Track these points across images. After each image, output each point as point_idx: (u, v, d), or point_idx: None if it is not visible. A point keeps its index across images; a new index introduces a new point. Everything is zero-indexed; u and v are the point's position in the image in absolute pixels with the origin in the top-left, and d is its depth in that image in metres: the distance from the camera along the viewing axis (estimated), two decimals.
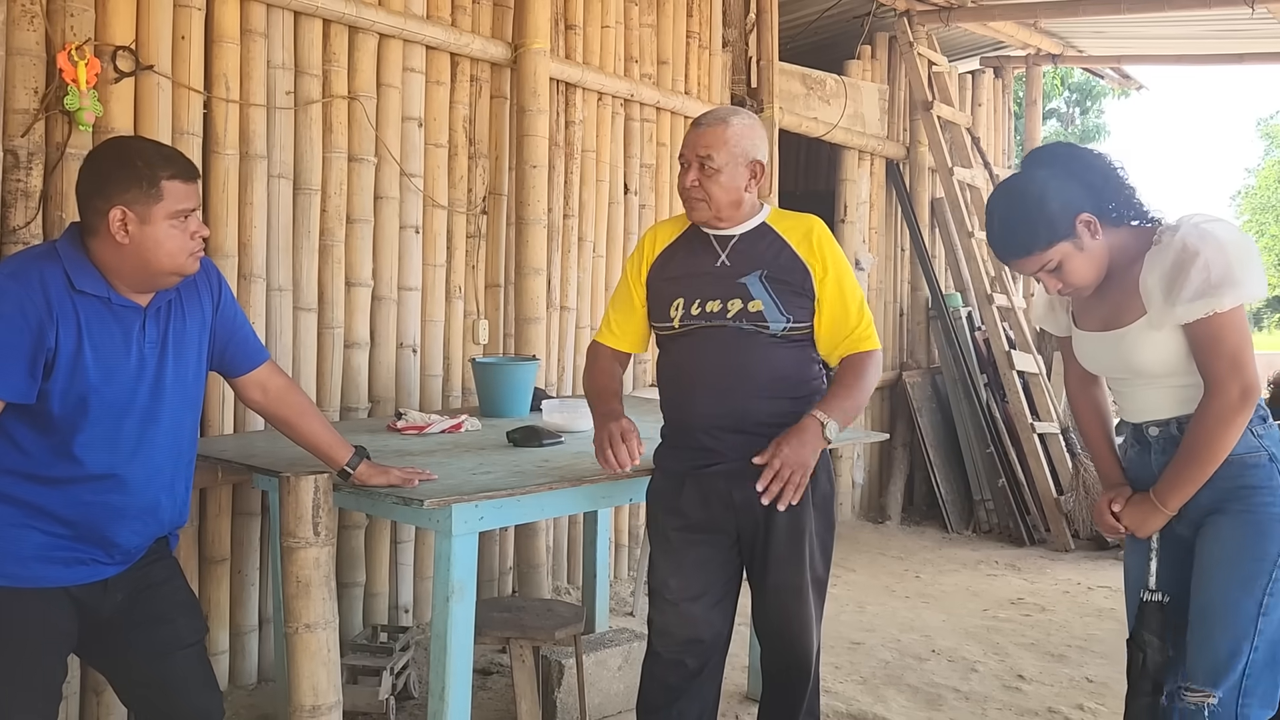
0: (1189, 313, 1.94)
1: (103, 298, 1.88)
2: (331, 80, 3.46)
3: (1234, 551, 2.00)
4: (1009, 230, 2.07)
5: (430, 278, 3.84)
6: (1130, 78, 8.17)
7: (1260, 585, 1.98)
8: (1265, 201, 32.51)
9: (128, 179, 1.83)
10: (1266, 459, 2.01)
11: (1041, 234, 2.02)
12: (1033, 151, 2.18)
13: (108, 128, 2.83)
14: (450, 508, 2.26)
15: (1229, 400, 1.95)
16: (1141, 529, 2.13)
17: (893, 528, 6.02)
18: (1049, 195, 2.02)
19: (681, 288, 2.36)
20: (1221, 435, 1.97)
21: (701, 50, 5.01)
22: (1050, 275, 2.07)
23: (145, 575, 2.00)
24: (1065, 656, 3.89)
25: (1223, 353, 1.96)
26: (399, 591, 3.75)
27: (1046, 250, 2.03)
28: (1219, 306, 1.93)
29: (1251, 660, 1.99)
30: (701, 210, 2.33)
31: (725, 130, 2.30)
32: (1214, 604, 2.01)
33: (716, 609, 2.42)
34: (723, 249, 2.36)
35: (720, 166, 2.29)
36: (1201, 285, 1.93)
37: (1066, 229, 2.02)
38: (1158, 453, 2.12)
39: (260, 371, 2.18)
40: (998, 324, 5.96)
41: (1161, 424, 2.11)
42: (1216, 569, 2.02)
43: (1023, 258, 2.06)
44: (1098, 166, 2.08)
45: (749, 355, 2.29)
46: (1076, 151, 2.12)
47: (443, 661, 2.31)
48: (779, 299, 2.29)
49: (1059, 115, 20.73)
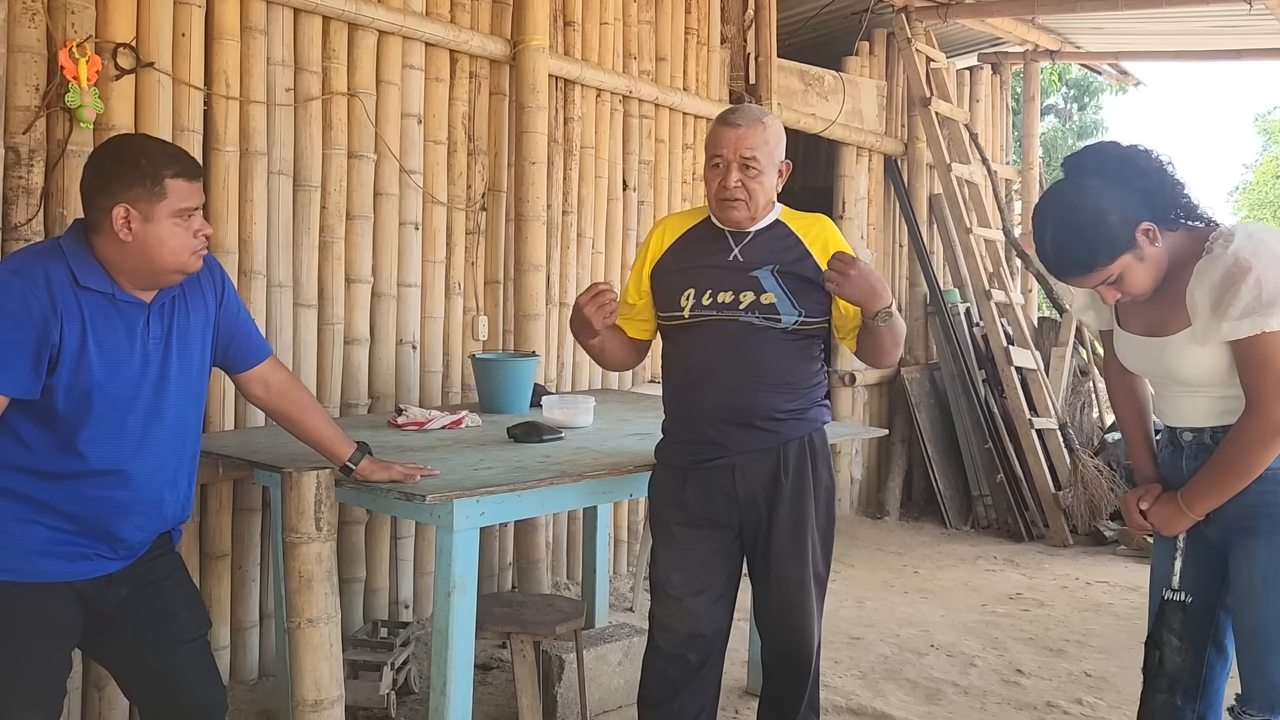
0: (1235, 330, 1.86)
1: (107, 294, 1.89)
2: (331, 77, 3.47)
3: (1273, 575, 1.94)
4: (1067, 248, 1.96)
5: (430, 274, 3.85)
6: (1128, 74, 8.17)
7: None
8: (1263, 197, 32.52)
9: (131, 177, 1.84)
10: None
11: (1103, 251, 1.92)
12: (1079, 154, 2.02)
13: (109, 125, 2.84)
14: (451, 503, 2.27)
15: (1270, 422, 1.89)
16: (1166, 529, 2.09)
17: (891, 523, 6.03)
18: (1106, 208, 1.91)
19: (693, 278, 2.36)
20: (1258, 455, 1.91)
21: (700, 46, 5.02)
22: (1110, 287, 1.98)
23: (149, 570, 2.01)
24: (1064, 651, 3.90)
25: (1268, 374, 1.87)
26: (400, 587, 3.76)
27: (1108, 266, 1.93)
28: (1268, 326, 1.84)
29: None
30: (740, 210, 2.32)
31: (765, 131, 2.31)
32: (1262, 629, 1.96)
33: (718, 604, 2.44)
34: (736, 243, 2.37)
35: (763, 168, 2.30)
36: (1251, 303, 1.84)
37: (1128, 241, 1.92)
38: (1189, 458, 2.07)
39: (263, 367, 2.19)
40: (996, 320, 5.97)
41: (1196, 431, 2.05)
42: (1258, 591, 1.96)
43: (1083, 275, 1.97)
44: (1151, 169, 1.96)
45: (757, 349, 2.30)
46: (1129, 153, 1.98)
47: (444, 656, 2.32)
48: (791, 293, 2.31)
49: (1057, 111, 20.72)
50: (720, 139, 2.31)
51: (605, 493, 2.78)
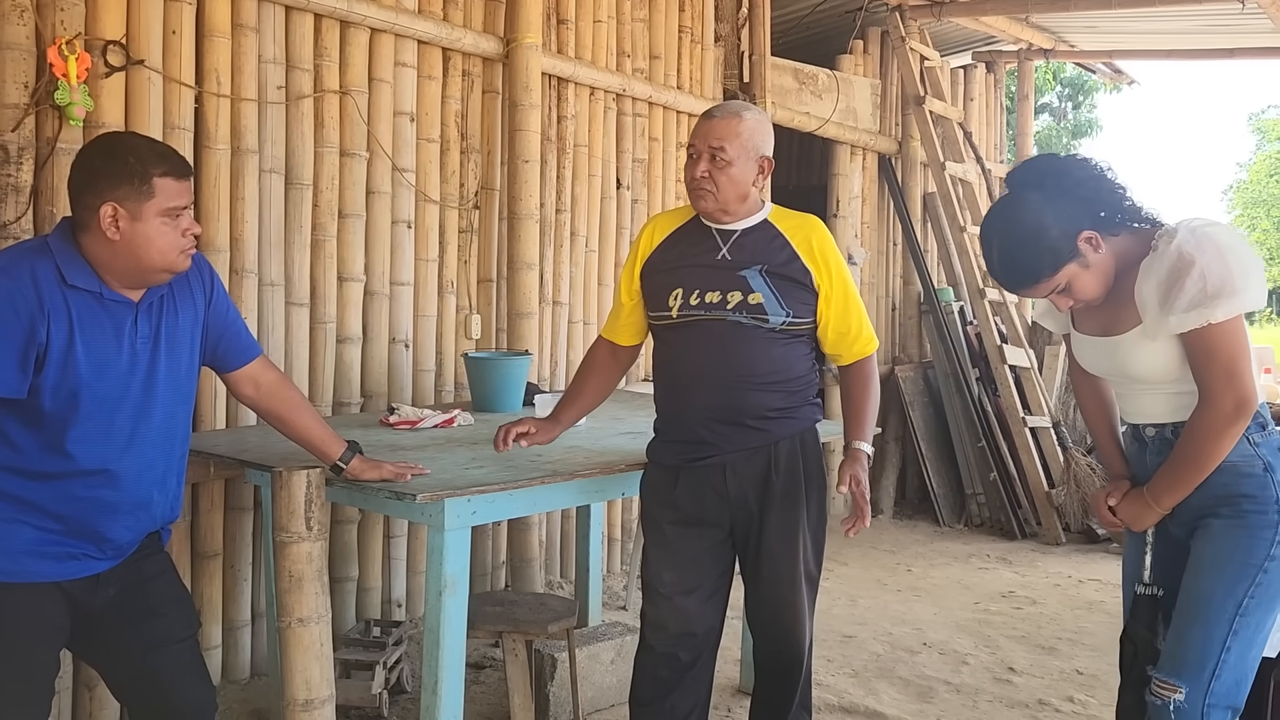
0: (1183, 323, 1.91)
1: (94, 293, 1.88)
2: (323, 75, 3.46)
3: (1222, 553, 2.00)
4: (1012, 263, 2.03)
5: (423, 273, 3.84)
6: (1122, 72, 8.18)
7: (1243, 588, 1.98)
8: (1257, 196, 32.62)
9: (119, 175, 1.83)
10: (1261, 468, 2.00)
11: (1047, 263, 1.98)
12: (1017, 170, 2.09)
13: (98, 122, 2.83)
14: (443, 502, 2.27)
15: (1222, 412, 1.94)
16: (1135, 524, 2.14)
17: (885, 521, 6.04)
18: (1047, 221, 1.97)
19: (681, 278, 2.36)
20: (1213, 446, 1.96)
21: (694, 45, 5.01)
22: (1061, 296, 2.04)
23: (137, 570, 2.00)
24: (1056, 649, 3.91)
25: (1217, 364, 1.93)
26: (392, 586, 3.76)
27: (1054, 277, 2.00)
28: (1213, 318, 1.89)
29: (1222, 660, 1.98)
30: (708, 201, 2.33)
31: (739, 123, 2.31)
32: (1195, 601, 2.02)
33: (710, 602, 2.43)
34: (724, 242, 2.36)
35: (732, 159, 2.29)
36: (1197, 295, 1.89)
37: (1070, 251, 1.98)
38: (1153, 453, 2.11)
39: (253, 367, 2.18)
40: (990, 318, 5.98)
41: (1158, 426, 2.10)
42: (1203, 568, 2.02)
43: (1030, 286, 2.03)
44: (1088, 178, 2.02)
45: (747, 348, 2.31)
46: (1065, 165, 2.05)
47: (435, 655, 2.32)
48: (780, 294, 2.31)
49: (1051, 110, 20.75)
50: (696, 130, 2.35)
51: (597, 492, 2.78)
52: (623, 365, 2.60)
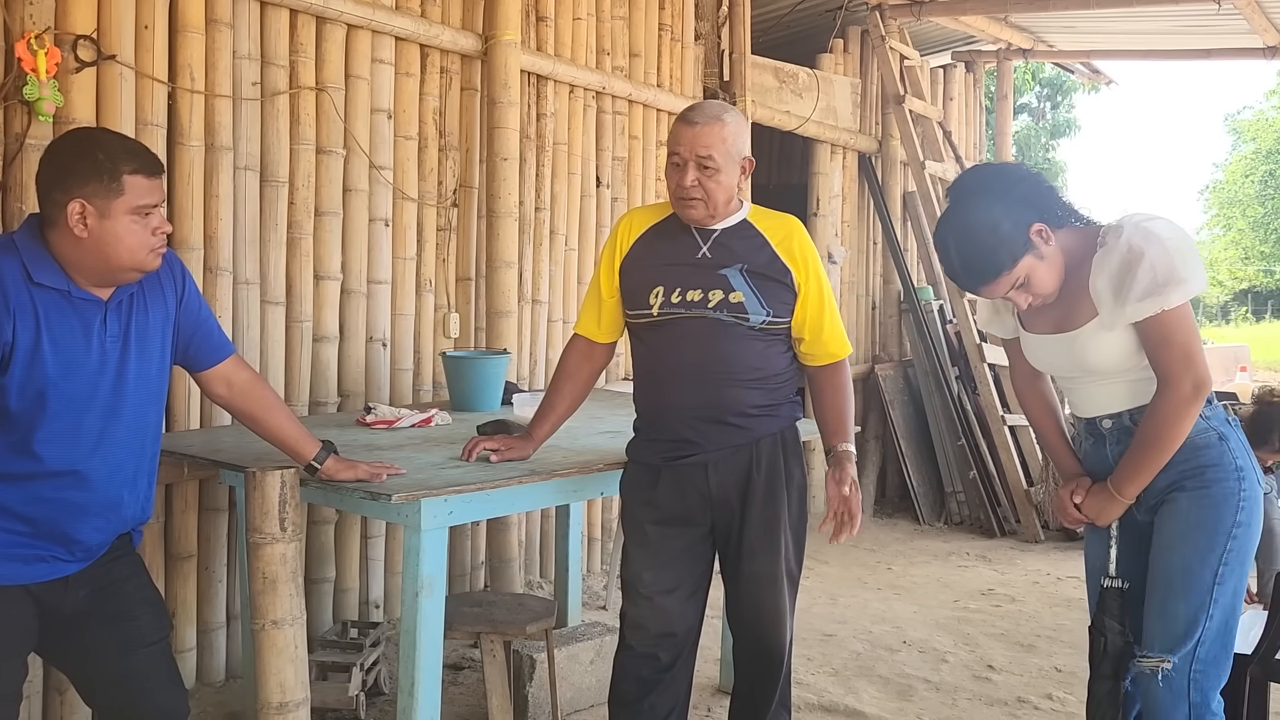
0: (1139, 311, 1.99)
1: (62, 291, 1.85)
2: (299, 71, 3.42)
3: (1191, 525, 2.07)
4: (970, 261, 2.09)
5: (400, 271, 3.81)
6: (1100, 73, 8.24)
7: (1216, 556, 2.05)
8: (1232, 196, 32.94)
9: (88, 172, 1.80)
10: (1216, 438, 2.08)
11: (1004, 255, 2.05)
12: (958, 180, 2.18)
13: (68, 118, 2.79)
14: (419, 502, 2.24)
15: (1182, 393, 2.01)
16: (1101, 518, 2.18)
17: (865, 520, 5.98)
18: (997, 216, 2.05)
19: (662, 276, 2.35)
20: (1174, 427, 2.03)
21: (674, 43, 5.00)
22: (1020, 291, 2.09)
23: (108, 572, 1.97)
24: (1034, 646, 3.92)
25: (1174, 348, 2.01)
26: (369, 587, 3.73)
27: (1013, 270, 2.06)
28: (1167, 304, 1.98)
29: (1206, 629, 2.06)
30: (698, 209, 2.32)
31: (722, 129, 2.29)
32: (1172, 574, 2.08)
33: (690, 602, 2.43)
34: (704, 241, 2.35)
35: (720, 166, 2.28)
36: (1149, 284, 1.98)
37: (1025, 243, 2.05)
38: (1112, 444, 2.17)
39: (225, 366, 2.15)
40: (969, 317, 5.99)
41: (1114, 416, 2.16)
42: (1174, 542, 2.08)
43: (991, 282, 2.09)
44: (1025, 176, 2.12)
45: (727, 346, 2.30)
46: (1000, 169, 2.17)
47: (412, 657, 2.30)
48: (760, 293, 2.31)
49: (1030, 110, 20.88)
50: (678, 137, 2.31)
51: (575, 491, 2.76)
52: (598, 367, 2.58)
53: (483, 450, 2.50)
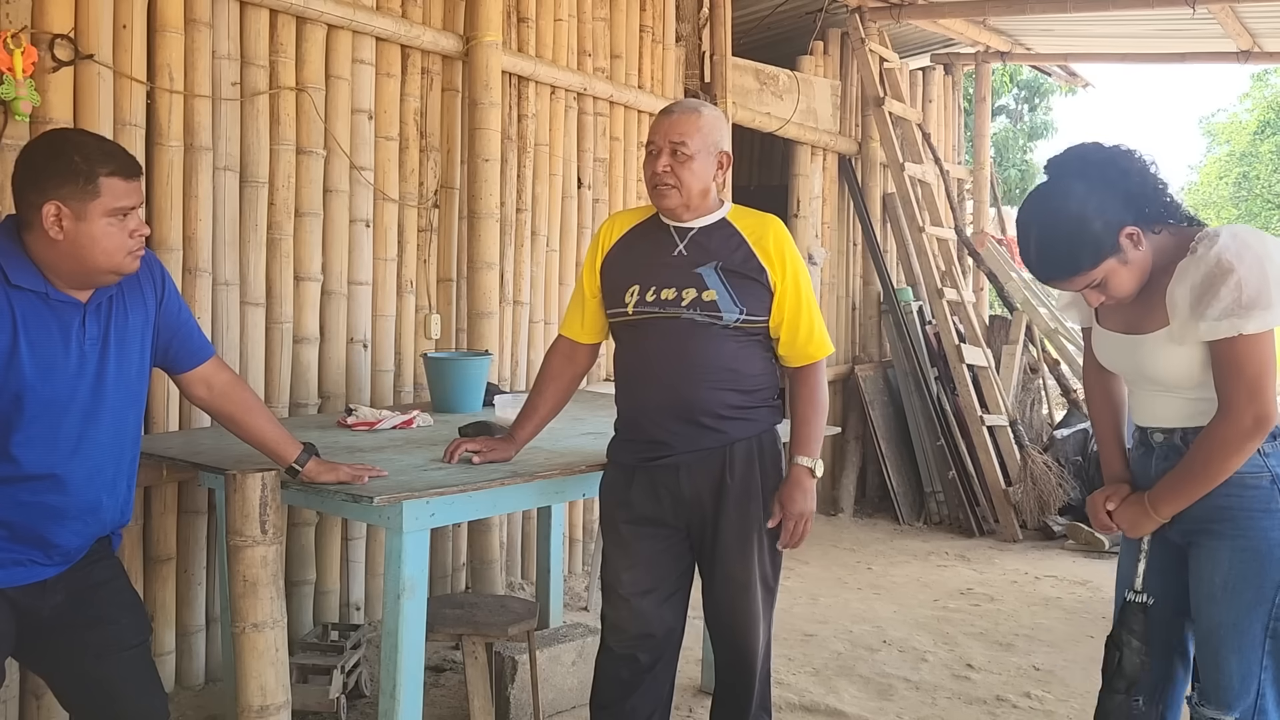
0: (1213, 331, 1.86)
1: (40, 293, 1.84)
2: (279, 71, 3.41)
3: (1235, 579, 1.95)
4: (1050, 253, 1.95)
5: (381, 272, 3.80)
6: (1077, 75, 8.30)
7: (1265, 610, 1.94)
8: (1207, 198, 33.25)
9: (63, 174, 1.79)
10: (1268, 481, 1.94)
11: (1087, 256, 1.91)
12: (1062, 157, 2.00)
13: (46, 118, 2.76)
14: (400, 504, 2.24)
15: (1240, 426, 1.88)
16: (1132, 530, 2.08)
17: (845, 520, 6.08)
18: (1090, 212, 1.89)
19: (638, 275, 2.36)
20: (1226, 459, 1.91)
21: (655, 44, 5.01)
22: (1094, 290, 1.96)
23: (86, 576, 1.96)
24: (1013, 645, 3.95)
25: (1242, 377, 1.87)
26: (351, 589, 3.72)
27: (1093, 270, 1.92)
28: (1245, 329, 1.84)
29: (1263, 681, 1.96)
30: (672, 197, 2.32)
31: (699, 119, 2.31)
32: (1220, 630, 1.98)
33: (668, 603, 2.43)
34: (681, 239, 2.36)
35: (693, 153, 2.29)
36: (1231, 304, 1.83)
37: (1112, 245, 1.91)
38: (1159, 459, 2.05)
39: (205, 368, 2.14)
40: (948, 318, 6.03)
41: (1167, 432, 2.04)
42: (1218, 594, 1.97)
43: (1066, 280, 1.96)
44: (1134, 171, 1.94)
45: (701, 346, 2.30)
46: (1111, 155, 1.96)
47: (394, 659, 2.29)
48: (734, 291, 2.30)
49: (1008, 112, 21.00)
50: (655, 127, 2.35)
51: (557, 492, 2.76)
52: (580, 369, 2.58)
53: (465, 452, 2.50)
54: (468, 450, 2.50)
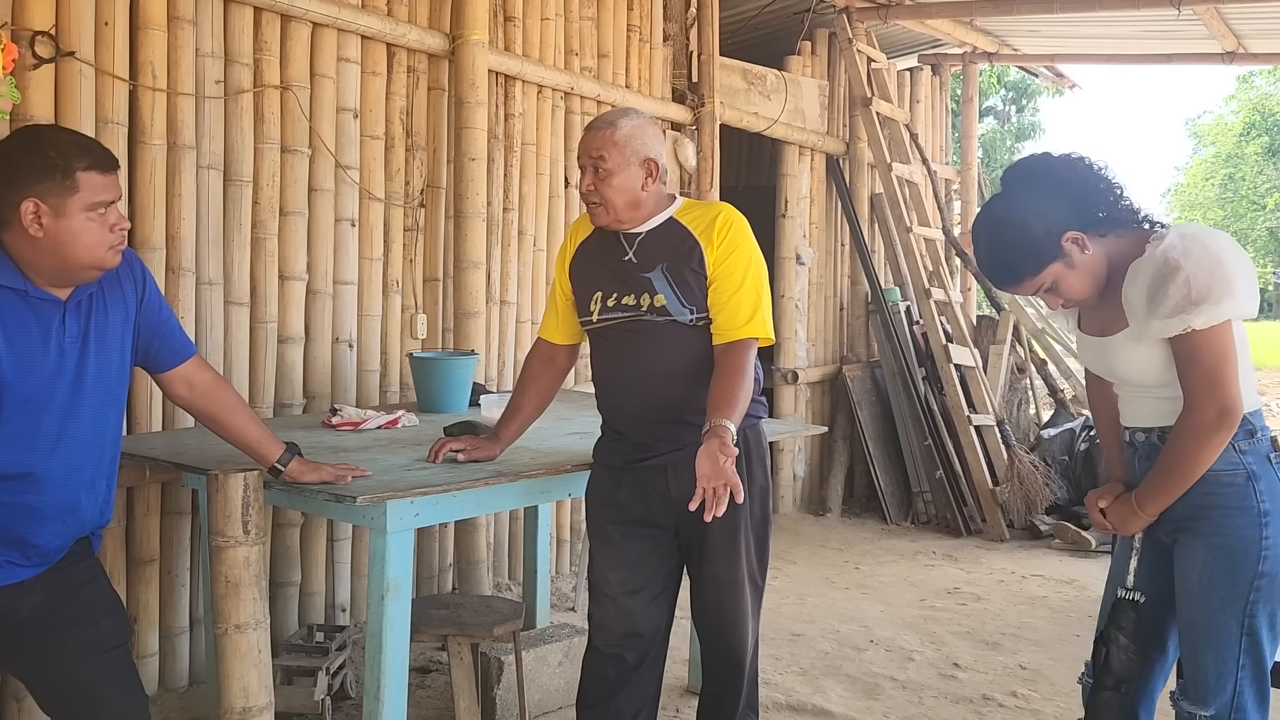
0: (1166, 328, 1.91)
1: (19, 291, 1.82)
2: (263, 69, 3.39)
3: (1210, 576, 1.99)
4: (996, 259, 2.04)
5: (367, 271, 3.78)
6: (1064, 76, 8.33)
7: (1239, 607, 1.97)
8: (1193, 199, 33.46)
9: (40, 170, 1.77)
10: (1243, 478, 1.97)
11: (1030, 261, 1.99)
12: (1010, 168, 2.10)
13: (26, 116, 2.74)
14: (384, 504, 2.23)
15: (1204, 419, 1.92)
16: (1123, 529, 2.12)
17: (833, 520, 6.08)
18: (1030, 220, 1.97)
19: (600, 282, 2.37)
20: (1197, 452, 1.94)
21: (642, 44, 5.00)
22: (1048, 294, 2.04)
23: (66, 577, 1.94)
24: (1000, 644, 3.96)
25: (1200, 371, 1.92)
26: (336, 590, 3.70)
27: (1037, 275, 2.00)
28: (1194, 324, 1.88)
29: (1240, 678, 1.99)
30: (600, 215, 2.33)
31: (614, 132, 2.29)
32: (1196, 626, 2.02)
33: (655, 603, 2.42)
34: (630, 245, 2.36)
35: (613, 169, 2.28)
36: (1180, 301, 1.88)
37: (1053, 251, 1.97)
38: (1142, 458, 2.10)
39: (186, 367, 2.12)
40: (935, 318, 6.04)
41: (1146, 431, 2.09)
42: (1195, 590, 2.01)
43: (1014, 285, 2.04)
44: (1075, 178, 2.00)
45: (670, 347, 2.29)
46: (1055, 164, 2.04)
47: (378, 661, 2.28)
48: (680, 292, 2.29)
49: (995, 113, 21.08)
50: (579, 145, 2.35)
51: (543, 492, 2.75)
52: (562, 369, 2.58)
53: (449, 451, 2.49)
54: (452, 450, 2.49)
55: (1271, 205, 31.75)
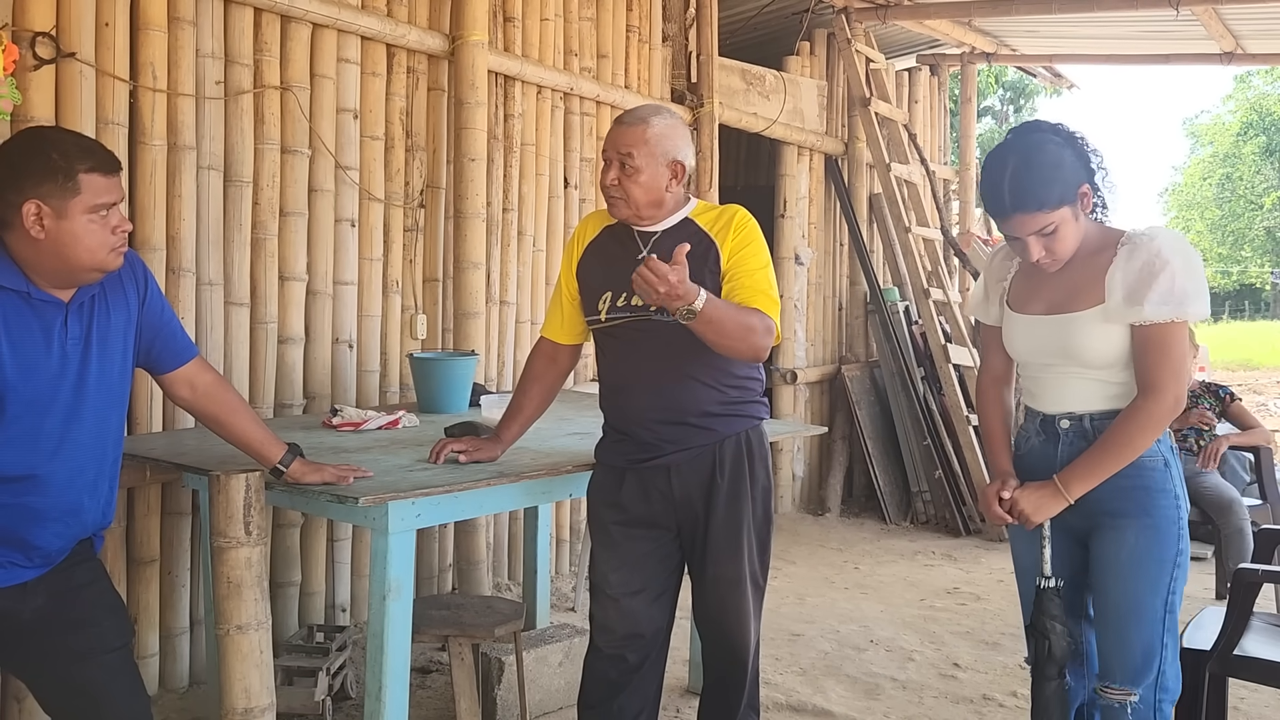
0: (1155, 314, 2.02)
1: (21, 292, 1.82)
2: (263, 70, 3.39)
3: (1139, 556, 2.09)
4: (1025, 183, 2.06)
5: (367, 272, 3.78)
6: (1062, 76, 8.33)
7: (1164, 585, 2.08)
8: (1191, 199, 33.51)
9: (42, 172, 1.77)
10: (1162, 463, 2.11)
11: (1054, 191, 2.06)
12: (1034, 120, 2.21)
13: (27, 117, 2.74)
14: (386, 505, 2.23)
15: (1164, 405, 2.04)
16: (1037, 515, 2.15)
17: (832, 520, 6.09)
18: (1064, 159, 2.08)
19: (610, 281, 2.36)
20: (1145, 436, 2.06)
21: (641, 44, 5.01)
22: (1043, 239, 2.09)
23: (68, 578, 1.94)
24: (999, 644, 3.96)
25: (1170, 359, 2.04)
26: (336, 590, 3.70)
27: (1054, 210, 2.06)
28: (1182, 315, 2.03)
29: (1164, 657, 2.09)
30: (621, 208, 2.33)
31: (646, 130, 2.29)
32: (1124, 606, 2.10)
33: (657, 604, 2.43)
34: (645, 244, 2.36)
35: (640, 166, 2.28)
36: (1169, 291, 2.01)
37: (1072, 194, 2.08)
38: (1065, 445, 2.17)
39: (188, 368, 2.12)
40: (934, 318, 6.05)
41: (1075, 418, 2.16)
42: (1124, 571, 2.10)
43: (1031, 213, 2.07)
44: (1090, 150, 2.14)
45: (678, 347, 2.29)
46: (1079, 132, 2.17)
47: (379, 661, 2.28)
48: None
49: (994, 113, 21.11)
50: (608, 137, 2.34)
51: (544, 493, 2.76)
52: (564, 369, 2.58)
53: (450, 452, 2.49)
54: (453, 451, 2.49)
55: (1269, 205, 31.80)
